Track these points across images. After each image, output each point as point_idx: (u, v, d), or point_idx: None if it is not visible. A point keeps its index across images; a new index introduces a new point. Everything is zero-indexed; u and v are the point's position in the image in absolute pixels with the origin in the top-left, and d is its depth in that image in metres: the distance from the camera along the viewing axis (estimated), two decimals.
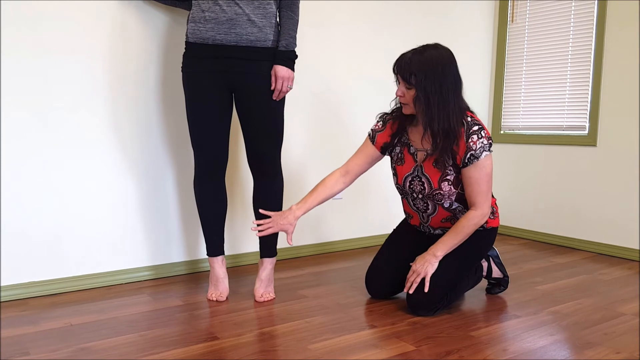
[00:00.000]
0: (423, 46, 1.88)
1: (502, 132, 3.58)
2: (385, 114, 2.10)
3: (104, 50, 2.20)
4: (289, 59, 1.97)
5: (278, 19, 2.01)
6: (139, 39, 2.28)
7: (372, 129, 2.09)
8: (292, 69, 1.98)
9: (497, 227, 2.10)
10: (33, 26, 2.04)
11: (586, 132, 3.11)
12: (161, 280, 2.40)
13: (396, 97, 1.99)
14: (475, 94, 3.56)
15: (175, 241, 2.48)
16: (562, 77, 3.21)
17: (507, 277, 2.25)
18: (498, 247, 3.17)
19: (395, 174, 2.08)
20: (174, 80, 2.39)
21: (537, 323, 1.92)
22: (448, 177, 1.94)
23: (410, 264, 2.03)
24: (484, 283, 2.38)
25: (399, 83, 1.91)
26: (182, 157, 2.45)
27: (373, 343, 1.72)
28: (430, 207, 2.03)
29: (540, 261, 2.85)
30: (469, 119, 1.89)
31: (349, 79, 2.97)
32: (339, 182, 2.06)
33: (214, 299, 2.11)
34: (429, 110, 1.84)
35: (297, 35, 2.60)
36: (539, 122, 3.35)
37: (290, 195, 2.81)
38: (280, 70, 1.95)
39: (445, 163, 1.91)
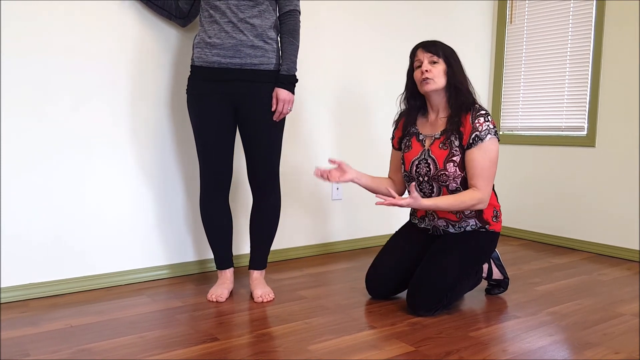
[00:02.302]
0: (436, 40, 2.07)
1: (501, 132, 3.58)
2: (397, 117, 2.24)
3: (118, 52, 2.21)
4: (290, 83, 2.05)
5: (280, 45, 2.09)
6: (153, 43, 2.29)
7: (392, 134, 2.23)
8: (293, 92, 2.07)
9: (499, 232, 2.12)
10: (44, 29, 2.05)
11: (585, 132, 3.12)
12: (161, 281, 2.40)
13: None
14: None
15: (180, 243, 2.48)
16: (561, 77, 3.22)
17: (507, 278, 2.26)
18: (497, 248, 3.17)
19: (403, 162, 2.14)
20: (186, 84, 2.40)
21: (537, 323, 1.93)
22: (454, 158, 1.98)
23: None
24: (483, 284, 2.38)
25: (420, 64, 2.03)
26: (190, 158, 2.46)
27: (373, 344, 1.72)
28: (435, 190, 2.05)
29: (540, 262, 2.85)
30: (477, 105, 2.01)
31: (348, 80, 2.98)
32: (389, 184, 2.23)
33: (214, 299, 2.12)
34: (457, 81, 1.99)
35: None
36: (538, 123, 3.36)
37: (287, 209, 2.82)
38: (282, 93, 2.03)
39: (452, 143, 1.97)
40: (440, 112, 2.08)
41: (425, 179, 2.05)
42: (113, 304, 2.09)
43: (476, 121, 1.94)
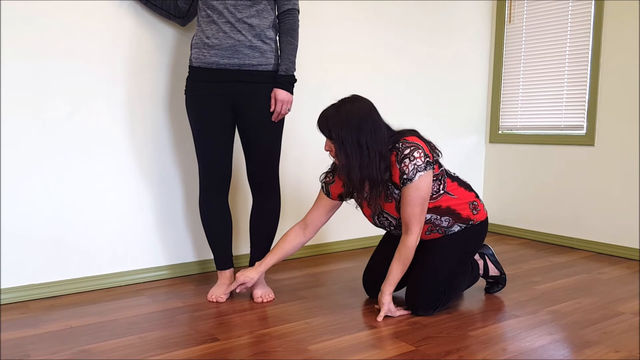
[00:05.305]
0: (340, 101, 1.89)
1: (500, 132, 3.58)
2: (330, 170, 2.08)
3: (116, 53, 2.21)
4: (289, 83, 2.04)
5: (278, 44, 2.08)
6: (151, 43, 2.29)
7: (324, 182, 2.08)
8: (291, 93, 2.06)
9: (486, 219, 2.10)
10: (42, 30, 2.05)
11: (584, 131, 3.12)
12: (161, 282, 2.40)
13: None
14: (473, 94, 3.57)
15: (180, 243, 2.48)
16: (560, 77, 3.22)
17: (504, 274, 2.26)
18: (496, 247, 3.17)
19: (364, 215, 2.10)
20: (184, 84, 2.40)
21: (536, 322, 1.93)
22: None
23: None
24: (482, 283, 2.38)
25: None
26: (189, 158, 2.46)
27: (373, 343, 1.72)
28: None
29: (539, 261, 2.86)
30: (400, 144, 1.88)
31: (347, 80, 2.98)
32: (298, 236, 2.08)
33: (214, 300, 2.12)
34: (349, 162, 1.86)
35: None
36: (537, 122, 3.36)
37: (287, 210, 2.82)
38: (280, 93, 2.03)
39: (393, 193, 1.94)
40: None
41: (392, 228, 2.05)
42: (113, 304, 2.09)
43: (402, 164, 1.87)
